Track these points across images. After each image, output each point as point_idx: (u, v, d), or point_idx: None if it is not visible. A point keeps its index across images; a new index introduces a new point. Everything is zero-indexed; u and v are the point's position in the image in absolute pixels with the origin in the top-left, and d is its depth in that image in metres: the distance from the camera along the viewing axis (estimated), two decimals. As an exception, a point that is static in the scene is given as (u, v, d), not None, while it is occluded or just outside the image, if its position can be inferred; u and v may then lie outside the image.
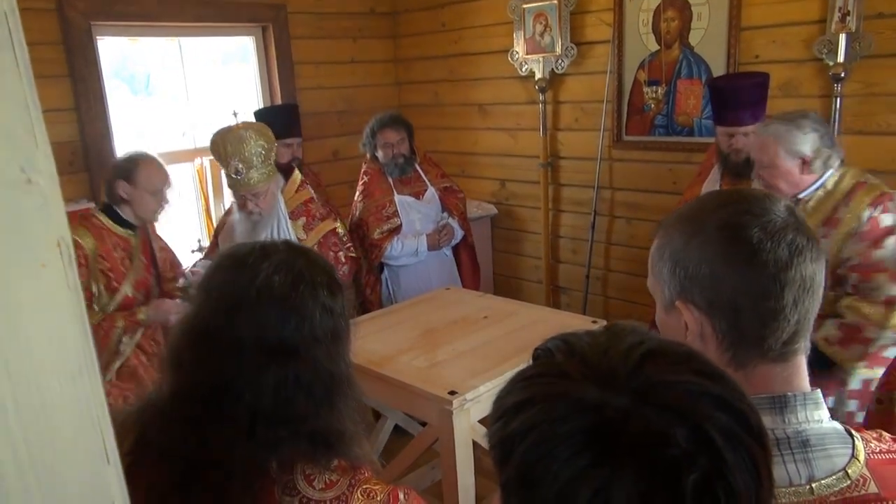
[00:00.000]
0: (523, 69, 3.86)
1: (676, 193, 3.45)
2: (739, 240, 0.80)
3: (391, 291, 3.45)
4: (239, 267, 1.02)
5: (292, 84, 4.11)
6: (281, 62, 4.05)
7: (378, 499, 0.98)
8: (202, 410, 0.95)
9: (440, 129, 4.54)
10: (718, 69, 3.17)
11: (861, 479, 0.77)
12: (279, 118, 3.27)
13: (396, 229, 3.33)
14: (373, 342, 2.34)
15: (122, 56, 3.76)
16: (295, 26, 4.08)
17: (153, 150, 3.76)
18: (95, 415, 0.46)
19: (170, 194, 2.59)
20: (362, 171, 3.47)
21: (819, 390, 0.83)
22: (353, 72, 4.43)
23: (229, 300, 0.99)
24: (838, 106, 2.80)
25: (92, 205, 3.35)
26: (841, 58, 2.74)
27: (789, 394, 0.80)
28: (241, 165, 2.54)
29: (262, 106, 4.14)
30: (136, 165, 2.49)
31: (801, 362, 0.84)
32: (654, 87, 3.37)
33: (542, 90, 3.80)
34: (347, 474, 0.99)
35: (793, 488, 0.76)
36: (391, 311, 2.78)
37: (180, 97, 3.92)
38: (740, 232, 0.81)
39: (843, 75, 2.75)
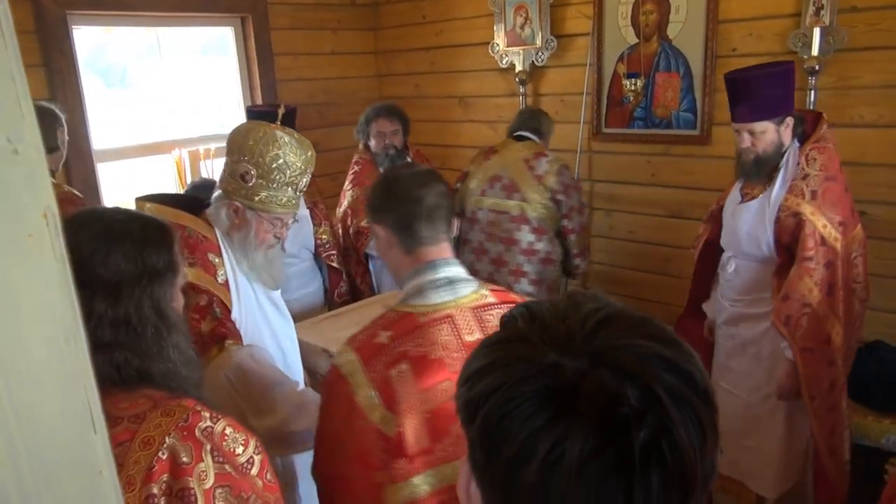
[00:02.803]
0: (504, 61, 3.87)
1: (655, 185, 3.50)
2: (399, 183, 1.47)
3: (375, 283, 3.45)
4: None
5: (272, 75, 4.09)
6: (260, 53, 4.02)
7: (175, 416, 1.04)
8: None
9: (421, 122, 4.54)
10: (696, 62, 3.21)
11: (485, 296, 1.43)
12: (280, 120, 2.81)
13: (385, 219, 3.32)
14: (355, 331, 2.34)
15: (97, 48, 3.71)
16: (274, 17, 4.05)
17: (130, 143, 3.75)
18: (82, 384, 0.46)
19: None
20: (353, 160, 3.46)
21: (456, 260, 1.47)
22: (333, 63, 4.41)
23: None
24: (813, 99, 2.85)
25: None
26: (815, 51, 2.79)
27: (438, 258, 1.44)
28: (307, 180, 1.91)
29: (243, 98, 4.10)
30: None
31: (446, 246, 1.46)
32: (633, 80, 3.40)
33: (523, 83, 3.81)
34: (158, 400, 1.08)
35: (447, 302, 1.39)
36: (374, 301, 2.78)
37: (158, 89, 3.88)
38: (397, 180, 1.48)
39: (817, 68, 2.80)
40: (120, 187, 3.71)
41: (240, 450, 1.09)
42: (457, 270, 1.44)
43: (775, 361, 2.35)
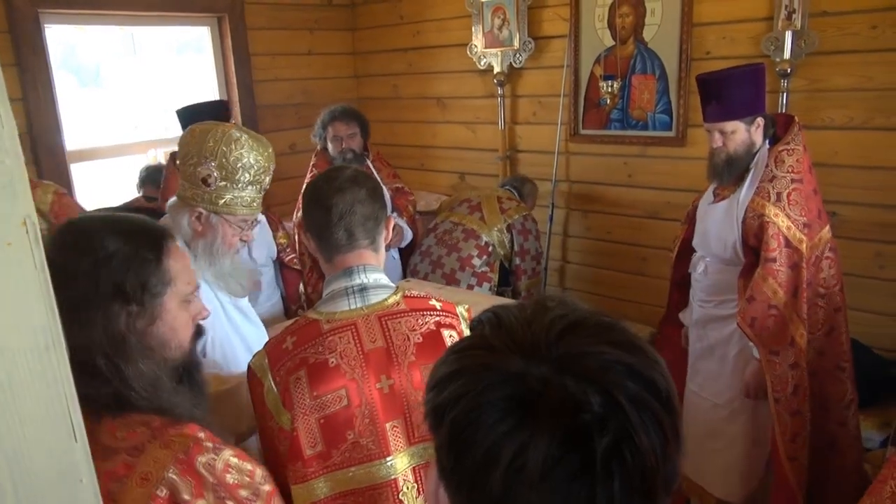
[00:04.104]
0: (482, 63, 3.88)
1: (631, 186, 3.53)
2: (315, 191, 1.46)
3: None
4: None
5: (249, 76, 4.06)
6: (237, 53, 3.99)
7: (174, 448, 0.98)
8: None
9: (399, 123, 4.54)
10: (671, 65, 3.24)
11: (396, 303, 1.43)
12: (210, 117, 2.76)
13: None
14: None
15: (70, 46, 3.65)
16: (251, 16, 4.03)
17: (105, 143, 3.69)
18: (63, 392, 0.46)
19: None
20: (311, 163, 3.37)
21: (380, 267, 1.47)
22: (310, 64, 4.39)
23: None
24: (785, 101, 2.90)
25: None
26: (787, 54, 2.84)
27: (354, 266, 1.43)
28: (269, 178, 1.85)
29: (219, 98, 4.07)
30: None
31: (365, 252, 1.44)
32: (610, 82, 3.43)
33: (501, 84, 3.83)
34: (156, 429, 1.01)
35: (355, 310, 1.40)
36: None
37: (132, 87, 3.83)
38: (315, 188, 1.47)
39: (789, 71, 2.85)
40: (94, 188, 3.67)
41: (245, 481, 1.03)
42: (374, 277, 1.44)
43: (742, 364, 2.36)
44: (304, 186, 3.35)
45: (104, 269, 1.06)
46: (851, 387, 2.35)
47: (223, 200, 1.72)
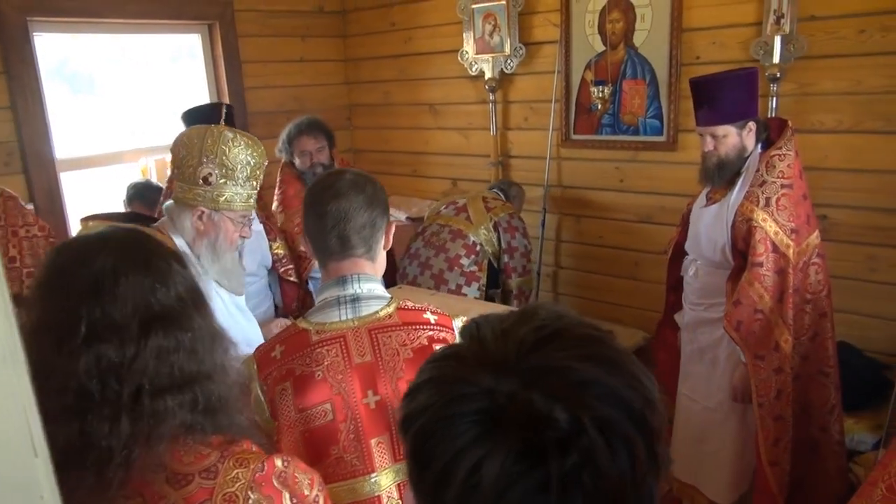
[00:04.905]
0: (473, 69, 3.88)
1: (623, 191, 3.53)
2: (312, 195, 1.43)
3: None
4: (81, 258, 1.02)
5: (240, 83, 4.05)
6: (228, 61, 3.98)
7: (251, 466, 0.98)
8: (76, 399, 0.93)
9: (391, 129, 4.54)
10: (661, 70, 3.25)
11: (389, 316, 1.39)
12: (214, 118, 2.67)
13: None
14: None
15: (63, 54, 3.64)
16: (242, 24, 4.02)
17: (96, 151, 3.68)
18: (21, 405, 0.45)
19: None
20: (279, 179, 3.28)
21: (376, 276, 1.44)
22: (301, 71, 4.39)
23: (82, 289, 0.98)
24: (774, 105, 2.90)
25: (31, 206, 3.24)
26: (776, 59, 2.84)
27: (348, 275, 1.39)
28: (262, 176, 1.91)
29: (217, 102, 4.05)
30: None
31: (360, 261, 1.41)
32: (601, 87, 3.43)
33: (492, 90, 3.83)
34: (221, 448, 1.01)
35: (346, 321, 1.37)
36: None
37: (125, 95, 3.82)
38: (313, 192, 1.43)
39: (778, 76, 2.85)
40: (85, 197, 3.65)
41: (307, 491, 1.04)
42: (369, 287, 1.41)
43: (731, 367, 2.37)
44: (274, 203, 3.32)
45: (186, 268, 1.09)
46: (835, 393, 2.35)
47: (224, 197, 1.80)
